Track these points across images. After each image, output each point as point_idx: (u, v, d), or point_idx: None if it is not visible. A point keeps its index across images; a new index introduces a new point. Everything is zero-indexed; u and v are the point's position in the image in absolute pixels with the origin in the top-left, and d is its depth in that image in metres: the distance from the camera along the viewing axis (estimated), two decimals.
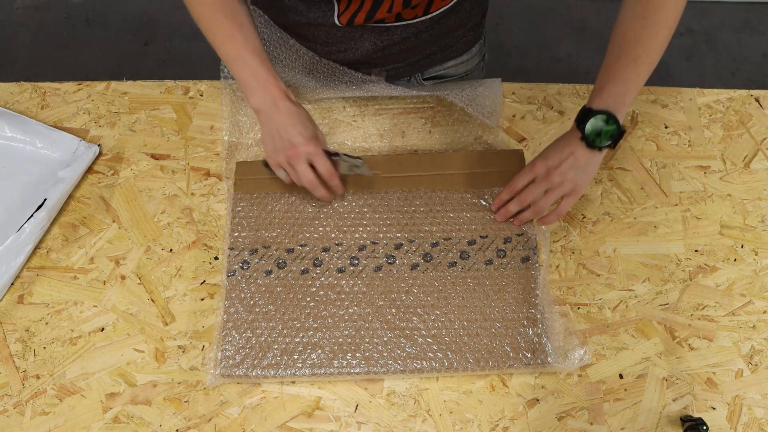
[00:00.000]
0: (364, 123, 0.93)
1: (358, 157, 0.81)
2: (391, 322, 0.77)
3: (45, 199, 0.84)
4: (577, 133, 0.75)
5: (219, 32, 0.76)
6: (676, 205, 0.87)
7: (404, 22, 0.82)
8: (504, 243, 0.81)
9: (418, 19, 0.82)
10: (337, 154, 0.80)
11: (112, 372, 0.78)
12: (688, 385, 0.77)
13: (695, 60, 1.96)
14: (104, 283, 0.83)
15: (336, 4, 0.78)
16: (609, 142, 0.74)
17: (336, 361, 0.75)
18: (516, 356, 0.75)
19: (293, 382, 0.77)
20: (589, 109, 0.74)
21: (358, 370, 0.75)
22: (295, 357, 0.75)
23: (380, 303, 0.78)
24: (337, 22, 0.81)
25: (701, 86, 0.96)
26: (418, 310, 0.78)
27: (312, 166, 0.78)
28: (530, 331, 0.76)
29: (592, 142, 0.74)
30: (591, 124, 0.73)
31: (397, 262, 0.80)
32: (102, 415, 0.76)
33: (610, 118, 0.73)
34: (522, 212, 0.81)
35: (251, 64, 0.76)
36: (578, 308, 0.81)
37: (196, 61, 1.95)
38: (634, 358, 0.79)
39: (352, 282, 0.79)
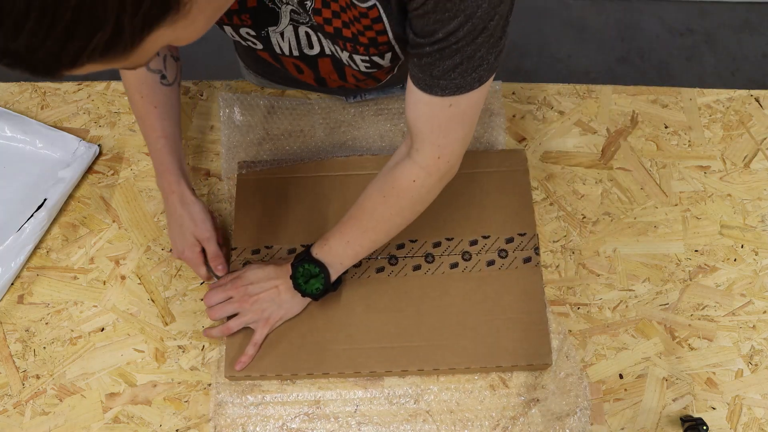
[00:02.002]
0: (364, 123, 0.93)
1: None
2: (392, 323, 0.77)
3: (45, 199, 0.84)
4: (290, 270, 0.74)
5: (135, 110, 0.78)
6: (676, 205, 0.88)
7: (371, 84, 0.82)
8: (506, 243, 0.81)
9: (382, 81, 0.81)
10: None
11: (112, 372, 0.78)
12: (688, 385, 0.77)
13: (695, 60, 1.96)
14: (104, 283, 0.83)
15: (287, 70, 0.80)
16: (314, 293, 0.73)
17: (336, 361, 0.75)
18: (517, 356, 0.75)
19: (294, 383, 0.77)
20: (309, 254, 0.73)
21: (358, 370, 0.75)
22: (299, 358, 0.75)
23: (382, 304, 0.78)
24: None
25: (701, 86, 0.96)
26: (420, 310, 0.77)
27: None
28: (531, 332, 0.76)
29: (298, 285, 0.73)
30: (304, 269, 0.73)
31: (398, 263, 0.80)
32: (102, 415, 0.76)
33: (323, 271, 0.72)
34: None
35: (155, 148, 0.78)
36: (578, 308, 0.81)
37: (196, 61, 1.94)
38: (634, 358, 0.79)
39: (353, 283, 0.79)
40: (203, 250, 0.79)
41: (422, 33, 0.54)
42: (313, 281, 0.73)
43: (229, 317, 0.76)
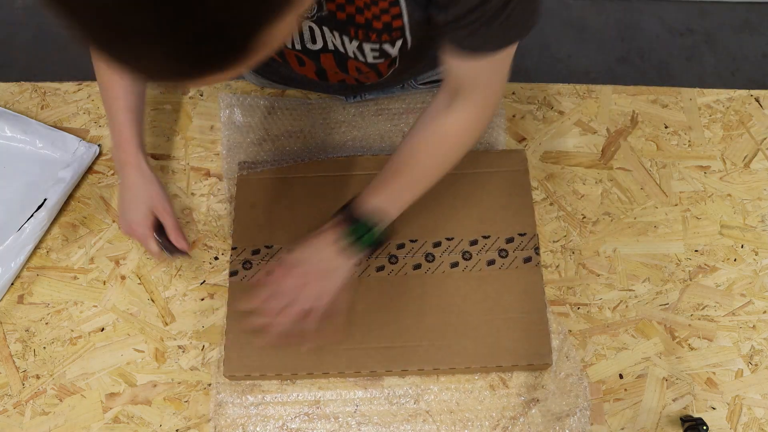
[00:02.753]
0: (364, 123, 0.93)
1: (185, 252, 0.78)
2: (392, 322, 0.77)
3: (45, 199, 0.84)
4: (336, 231, 0.70)
5: (101, 79, 0.77)
6: (676, 205, 0.87)
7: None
8: (506, 243, 0.81)
9: (383, 77, 0.81)
10: (161, 239, 0.77)
11: (112, 372, 0.78)
12: (688, 385, 0.77)
13: (695, 60, 1.96)
14: (104, 283, 0.83)
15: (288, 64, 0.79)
16: (370, 246, 0.71)
17: (336, 361, 0.75)
18: (517, 356, 0.75)
19: (294, 382, 0.77)
20: (356, 211, 0.70)
21: (358, 369, 0.75)
22: (299, 358, 0.75)
23: (382, 303, 0.78)
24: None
25: (701, 86, 0.96)
26: (421, 310, 0.77)
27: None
28: (531, 332, 0.76)
29: (352, 243, 0.69)
30: (358, 226, 0.69)
31: (399, 262, 0.80)
32: (102, 415, 0.76)
33: (376, 226, 0.70)
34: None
35: (117, 120, 0.76)
36: (578, 308, 0.81)
37: None
38: (634, 358, 0.79)
39: (353, 283, 0.79)
40: (157, 226, 0.77)
41: (458, 4, 0.55)
42: (366, 237, 0.70)
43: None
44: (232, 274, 0.80)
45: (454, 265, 0.80)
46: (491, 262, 0.80)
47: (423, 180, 0.72)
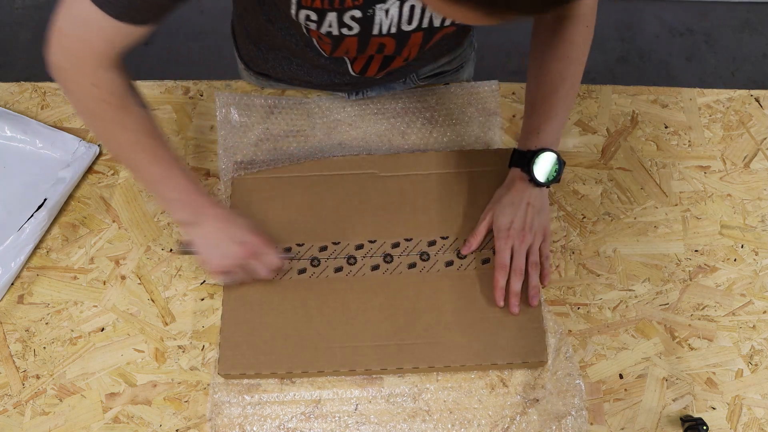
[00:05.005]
0: (363, 123, 0.93)
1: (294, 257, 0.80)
2: (387, 321, 0.77)
3: (45, 199, 0.84)
4: (523, 178, 0.76)
5: (146, 155, 0.70)
6: (676, 205, 0.87)
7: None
8: None
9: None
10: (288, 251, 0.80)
11: (112, 372, 0.78)
12: (688, 385, 0.77)
13: (695, 60, 1.96)
14: (104, 283, 0.83)
15: (349, 62, 0.78)
16: (556, 176, 0.75)
17: (332, 359, 0.75)
18: (512, 354, 0.75)
19: (293, 382, 0.77)
20: (532, 151, 0.75)
21: (357, 369, 0.75)
22: (294, 356, 0.75)
23: (378, 302, 0.78)
24: (351, 71, 0.80)
25: (701, 86, 0.96)
26: (416, 308, 0.78)
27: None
28: (526, 330, 0.76)
29: (546, 182, 0.75)
30: (542, 165, 0.75)
31: (394, 261, 0.80)
32: (102, 415, 0.76)
33: (552, 153, 0.75)
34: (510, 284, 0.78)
35: (181, 181, 0.71)
36: (578, 308, 0.81)
37: (196, 61, 1.94)
38: (634, 358, 0.79)
39: (349, 281, 0.79)
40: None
41: None
42: (552, 168, 0.75)
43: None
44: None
45: (449, 263, 0.80)
46: (486, 261, 0.80)
47: (570, 97, 0.77)
